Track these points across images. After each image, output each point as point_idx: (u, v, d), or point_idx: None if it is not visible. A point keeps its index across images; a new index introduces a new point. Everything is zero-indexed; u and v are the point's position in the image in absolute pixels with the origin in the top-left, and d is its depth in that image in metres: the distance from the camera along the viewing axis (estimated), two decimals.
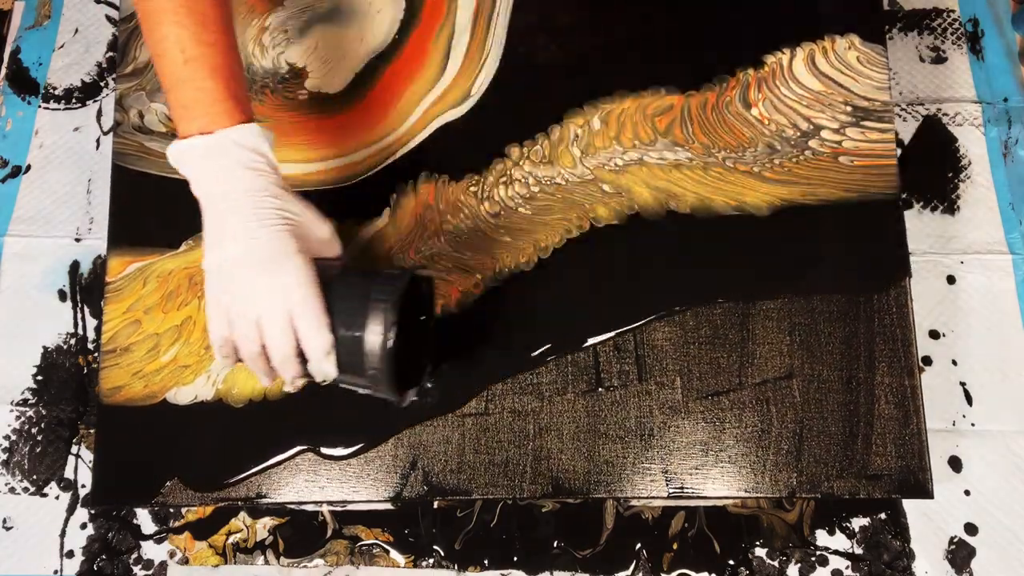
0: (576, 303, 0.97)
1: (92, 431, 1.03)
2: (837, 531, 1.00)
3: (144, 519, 1.03)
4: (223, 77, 0.79)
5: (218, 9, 0.80)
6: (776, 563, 0.99)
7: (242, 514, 1.02)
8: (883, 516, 1.01)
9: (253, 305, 0.75)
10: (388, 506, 1.01)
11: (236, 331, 0.76)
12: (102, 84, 1.17)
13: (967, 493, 1.01)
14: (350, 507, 1.01)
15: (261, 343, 0.76)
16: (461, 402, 0.95)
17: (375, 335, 0.76)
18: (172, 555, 1.02)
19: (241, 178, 0.76)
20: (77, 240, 1.11)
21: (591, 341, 0.96)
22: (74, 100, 1.16)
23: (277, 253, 0.75)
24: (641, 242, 0.98)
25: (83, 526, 1.03)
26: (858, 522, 1.01)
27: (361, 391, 0.81)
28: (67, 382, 1.07)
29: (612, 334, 0.96)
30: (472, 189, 1.00)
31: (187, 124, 0.77)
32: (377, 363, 0.76)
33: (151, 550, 1.02)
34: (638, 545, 1.00)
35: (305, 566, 1.01)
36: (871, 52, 1.03)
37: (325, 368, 0.76)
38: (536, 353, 0.96)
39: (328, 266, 0.80)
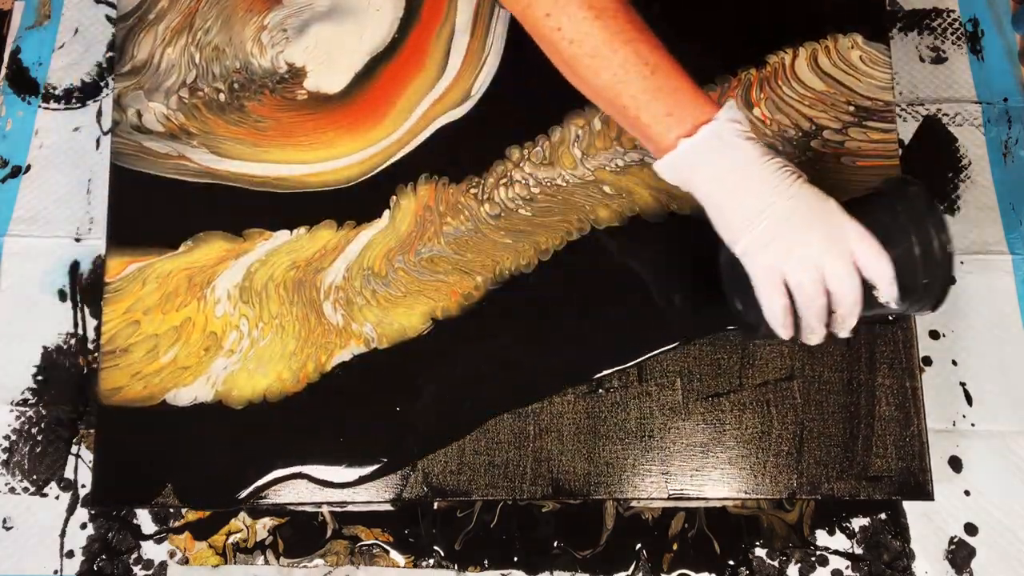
0: (584, 334, 0.97)
1: (92, 431, 1.03)
2: (837, 531, 1.00)
3: (144, 519, 1.03)
4: (681, 71, 0.79)
5: (636, 11, 0.81)
6: (776, 563, 0.99)
7: (242, 514, 1.02)
8: (883, 516, 1.01)
9: (815, 257, 0.74)
10: (388, 506, 1.01)
11: (803, 291, 0.75)
12: (102, 84, 1.17)
13: (967, 493, 1.01)
14: (350, 507, 1.01)
15: (826, 296, 0.75)
16: (465, 432, 0.95)
17: (927, 243, 0.76)
18: (172, 555, 1.02)
19: (752, 148, 0.76)
20: (77, 240, 1.11)
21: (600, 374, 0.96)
22: (74, 100, 1.16)
23: (817, 203, 0.76)
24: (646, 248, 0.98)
25: (83, 526, 1.03)
26: (858, 522, 1.01)
27: (907, 312, 0.81)
28: (67, 382, 1.07)
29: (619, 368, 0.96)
30: (472, 191, 1.00)
31: (675, 130, 0.77)
32: (935, 268, 0.76)
33: (151, 550, 1.02)
34: (638, 545, 1.00)
35: (305, 566, 1.01)
36: (874, 51, 1.03)
37: (892, 292, 0.75)
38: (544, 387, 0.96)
39: None
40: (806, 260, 0.74)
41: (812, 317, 0.76)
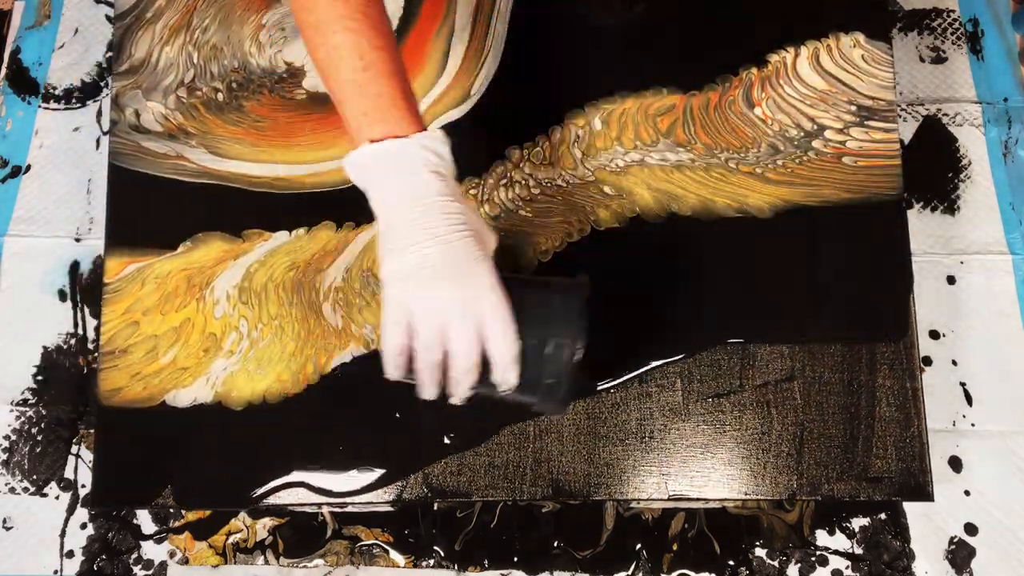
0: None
1: (92, 431, 1.03)
2: (837, 531, 1.00)
3: (144, 519, 1.03)
4: (400, 81, 0.78)
5: (384, 14, 0.80)
6: (776, 563, 0.99)
7: (242, 514, 1.02)
8: (883, 516, 1.01)
9: (441, 312, 0.73)
10: (388, 507, 1.01)
11: (419, 339, 0.73)
12: (102, 84, 1.17)
13: (967, 493, 1.01)
14: (350, 508, 1.01)
15: (443, 352, 0.74)
16: (477, 441, 0.95)
17: (561, 345, 0.75)
18: (172, 555, 1.02)
19: (429, 183, 0.75)
20: (77, 240, 1.11)
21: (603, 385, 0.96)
22: (74, 100, 1.16)
23: (468, 259, 0.74)
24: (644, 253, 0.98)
25: (83, 526, 1.03)
26: (858, 522, 1.01)
27: (523, 402, 0.79)
28: (67, 382, 1.07)
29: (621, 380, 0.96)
30: (472, 191, 1.00)
31: (366, 131, 0.76)
32: (559, 374, 0.76)
33: (151, 550, 1.02)
34: (638, 545, 1.00)
35: (305, 566, 1.01)
36: (876, 50, 1.03)
37: (508, 377, 0.75)
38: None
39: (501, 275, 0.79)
40: (433, 310, 0.73)
41: (423, 368, 0.75)
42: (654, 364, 0.95)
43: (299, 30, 0.81)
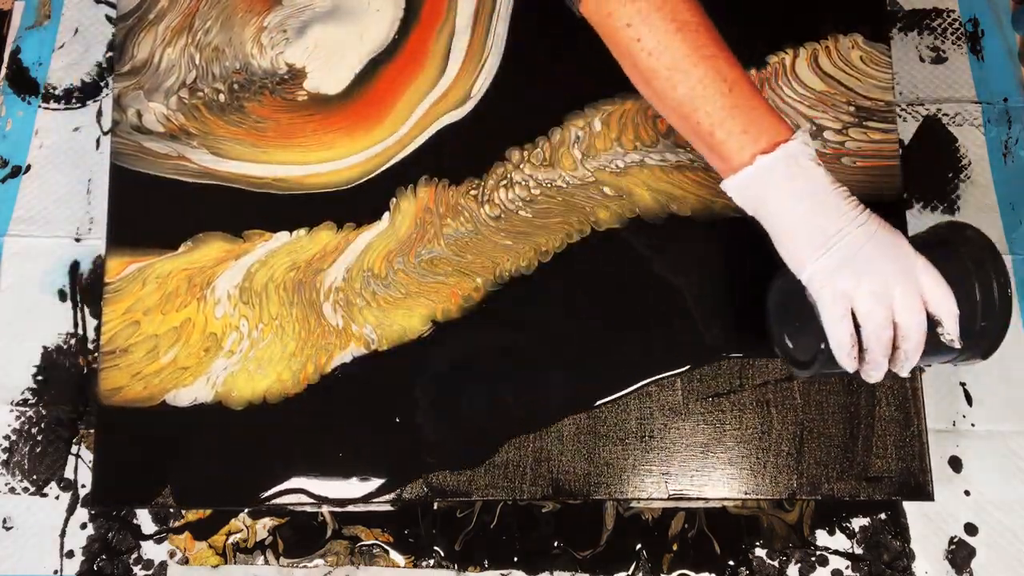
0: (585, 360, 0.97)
1: (92, 431, 1.03)
2: (837, 531, 1.00)
3: (144, 519, 1.03)
4: (757, 90, 0.79)
5: (709, 20, 0.80)
6: (776, 563, 0.99)
7: (242, 514, 1.02)
8: (883, 516, 1.01)
9: (886, 289, 0.74)
10: (388, 506, 1.01)
11: (872, 320, 0.74)
12: (102, 84, 1.16)
13: (967, 493, 1.01)
14: (350, 508, 1.01)
15: (893, 329, 0.75)
16: (482, 459, 0.95)
17: (987, 284, 0.76)
18: (172, 555, 1.02)
19: (823, 174, 0.77)
20: (77, 240, 1.11)
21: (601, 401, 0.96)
22: (74, 100, 1.16)
23: (883, 234, 0.75)
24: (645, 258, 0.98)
25: (83, 526, 1.03)
26: (858, 522, 1.01)
27: (954, 359, 0.80)
28: (67, 382, 1.07)
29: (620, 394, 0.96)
30: (472, 192, 1.00)
31: (750, 148, 0.77)
32: (993, 312, 0.76)
33: (151, 550, 1.02)
34: (638, 545, 1.00)
35: (305, 566, 1.01)
36: (874, 51, 1.03)
37: (955, 329, 0.75)
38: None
39: None
40: (877, 289, 0.74)
41: (878, 349, 0.75)
42: (651, 379, 0.95)
43: (646, 79, 0.81)
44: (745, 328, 0.96)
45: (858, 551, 1.00)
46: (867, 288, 0.74)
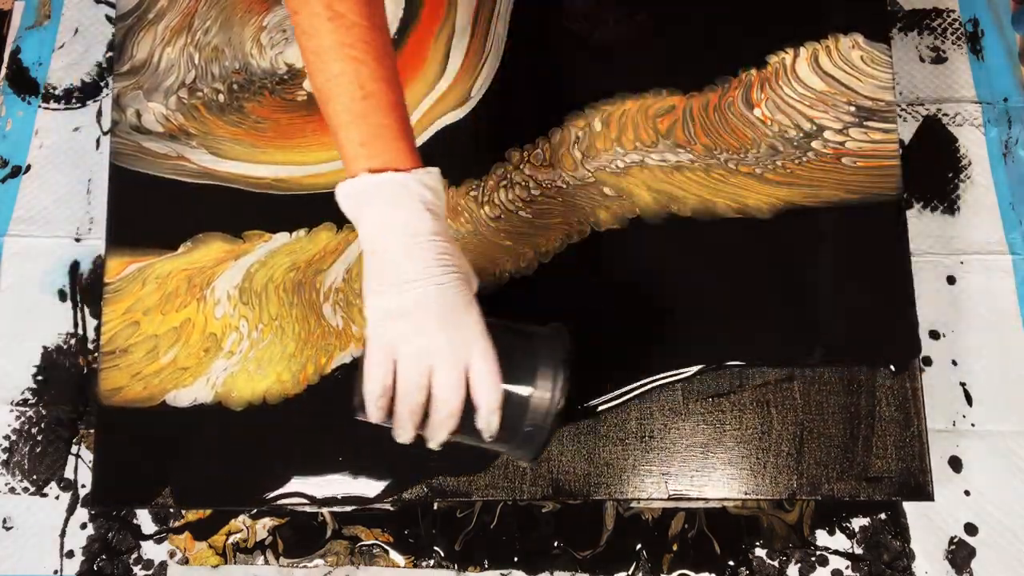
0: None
1: (92, 431, 1.03)
2: (837, 531, 1.00)
3: (144, 519, 1.03)
4: (400, 115, 0.77)
5: (388, 44, 0.79)
6: (776, 563, 0.99)
7: (242, 515, 1.02)
8: (883, 516, 1.01)
9: (430, 355, 0.72)
10: (388, 506, 1.01)
11: (404, 381, 0.73)
12: (102, 84, 1.17)
13: (967, 493, 1.01)
14: (350, 508, 1.01)
15: (426, 395, 0.73)
16: (481, 467, 0.95)
17: (545, 393, 0.76)
18: (172, 555, 1.02)
19: (425, 220, 0.74)
20: (77, 240, 1.11)
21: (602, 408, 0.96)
22: (74, 100, 1.16)
23: (458, 302, 0.74)
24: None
25: (83, 526, 1.03)
26: (858, 522, 1.01)
27: (498, 449, 0.80)
28: (67, 382, 1.07)
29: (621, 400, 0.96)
30: (472, 193, 1.00)
31: (362, 162, 0.75)
32: (540, 421, 0.76)
33: (151, 550, 1.02)
34: (638, 546, 1.00)
35: (305, 566, 1.01)
36: (875, 51, 1.03)
37: (492, 423, 0.74)
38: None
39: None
40: (421, 352, 0.72)
41: (404, 411, 0.73)
42: (653, 383, 0.95)
43: (301, 54, 0.80)
44: (745, 334, 0.96)
45: (858, 551, 1.00)
46: (414, 347, 0.72)
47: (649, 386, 0.95)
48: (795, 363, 0.94)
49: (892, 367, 0.94)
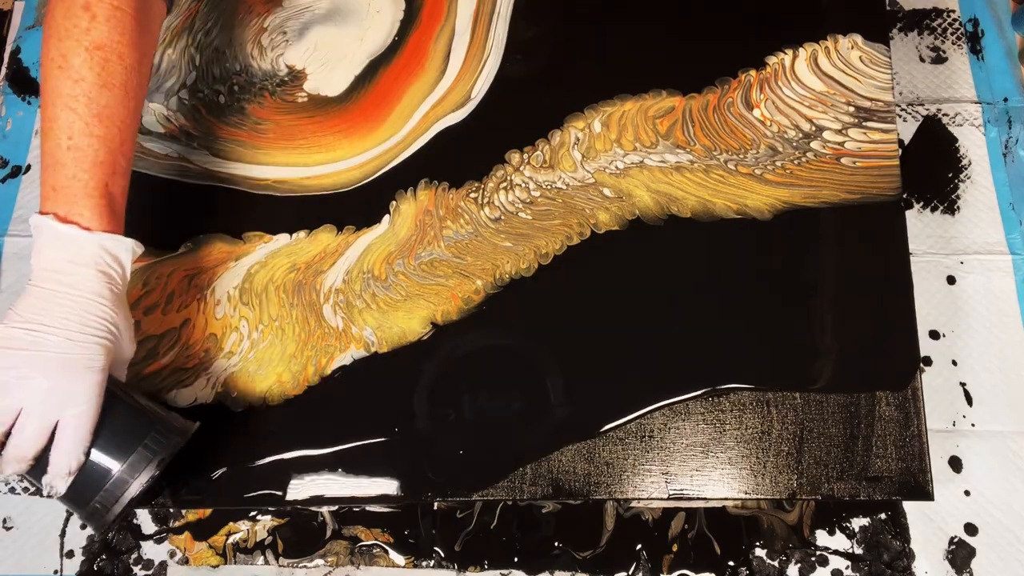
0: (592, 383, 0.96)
1: None
2: (837, 531, 1.00)
3: (144, 519, 1.03)
4: (104, 174, 0.78)
5: (122, 109, 0.79)
6: (776, 563, 0.99)
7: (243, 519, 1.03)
8: (883, 516, 1.01)
9: (27, 392, 0.72)
10: (388, 506, 1.01)
11: None
12: None
13: (967, 493, 1.01)
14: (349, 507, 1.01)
15: (6, 430, 0.73)
16: (485, 485, 0.95)
17: (129, 481, 0.76)
18: (172, 555, 1.02)
19: (90, 279, 0.76)
20: None
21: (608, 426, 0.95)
22: None
23: (81, 364, 0.74)
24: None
25: (83, 526, 1.03)
26: (858, 522, 1.01)
27: (60, 503, 0.79)
28: None
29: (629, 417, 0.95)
30: (472, 195, 1.00)
31: (50, 205, 0.77)
32: (110, 502, 0.76)
33: (151, 550, 1.02)
34: (638, 546, 1.00)
35: (305, 566, 1.01)
36: (874, 52, 1.03)
37: (57, 486, 0.74)
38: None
39: (116, 382, 0.80)
40: (19, 386, 0.72)
41: None
42: (653, 407, 0.95)
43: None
44: (749, 358, 0.96)
45: (858, 551, 1.00)
46: (12, 381, 0.72)
47: (652, 408, 0.94)
48: (799, 387, 0.94)
49: (891, 389, 0.94)
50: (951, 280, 1.07)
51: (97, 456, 0.76)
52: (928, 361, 1.05)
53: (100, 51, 0.78)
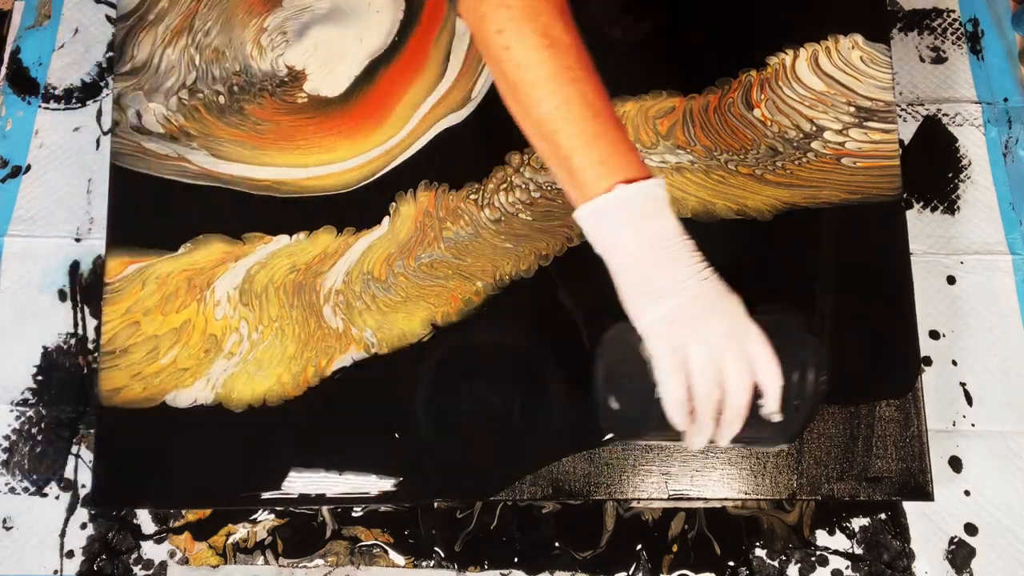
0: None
1: (92, 431, 1.03)
2: (837, 531, 1.00)
3: (144, 519, 1.03)
4: (624, 129, 0.77)
5: (592, 62, 0.78)
6: (776, 563, 0.99)
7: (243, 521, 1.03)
8: (883, 516, 1.01)
9: (717, 350, 0.71)
10: (388, 506, 1.01)
11: (704, 378, 0.71)
12: (102, 84, 1.16)
13: (967, 493, 1.01)
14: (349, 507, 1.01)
15: (721, 392, 0.71)
16: (488, 493, 0.95)
17: (805, 376, 0.74)
18: (172, 555, 1.02)
19: (673, 224, 0.73)
20: (77, 240, 1.11)
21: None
22: (74, 100, 1.16)
23: (723, 295, 0.73)
24: None
25: (83, 526, 1.03)
26: (858, 522, 1.01)
27: (761, 438, 0.77)
28: (67, 382, 1.07)
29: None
30: (472, 196, 1.00)
31: (603, 180, 0.73)
32: (804, 402, 0.74)
33: (151, 550, 1.02)
34: (638, 546, 1.00)
35: (305, 566, 1.01)
36: (875, 52, 1.03)
37: (775, 405, 0.72)
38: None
39: None
40: (711, 349, 0.71)
41: (708, 409, 0.72)
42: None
43: (512, 91, 0.78)
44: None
45: (858, 551, 1.00)
46: (703, 344, 0.71)
47: None
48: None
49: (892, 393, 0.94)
50: (951, 280, 1.07)
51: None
52: (928, 361, 1.05)
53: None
